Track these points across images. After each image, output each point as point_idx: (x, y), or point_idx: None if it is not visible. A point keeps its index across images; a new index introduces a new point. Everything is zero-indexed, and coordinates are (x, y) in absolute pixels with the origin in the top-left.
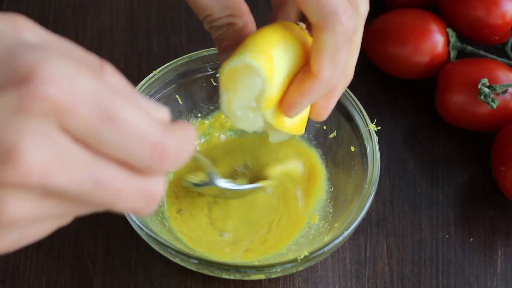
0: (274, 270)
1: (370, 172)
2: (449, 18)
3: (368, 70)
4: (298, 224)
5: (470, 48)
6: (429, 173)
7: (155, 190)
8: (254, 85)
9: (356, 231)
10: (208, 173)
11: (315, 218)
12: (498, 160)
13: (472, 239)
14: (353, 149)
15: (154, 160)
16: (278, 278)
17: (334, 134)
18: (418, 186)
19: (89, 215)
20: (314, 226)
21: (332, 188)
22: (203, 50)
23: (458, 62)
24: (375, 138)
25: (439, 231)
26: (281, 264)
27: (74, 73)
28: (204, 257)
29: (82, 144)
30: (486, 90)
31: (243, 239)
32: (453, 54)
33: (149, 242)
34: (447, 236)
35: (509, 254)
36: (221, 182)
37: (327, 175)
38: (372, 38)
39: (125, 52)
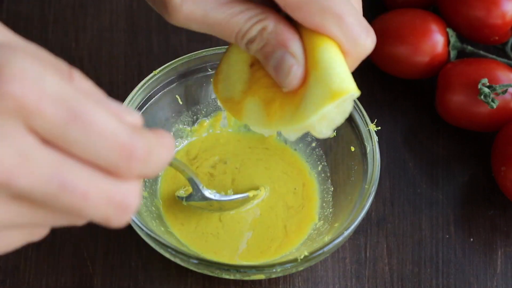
0: (274, 270)
1: (370, 172)
2: (449, 18)
3: (368, 70)
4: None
5: (470, 48)
6: (429, 173)
7: (127, 199)
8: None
9: (356, 231)
10: (192, 184)
11: (315, 218)
12: (498, 160)
13: (472, 239)
14: (353, 149)
15: (121, 160)
16: (278, 278)
17: (334, 134)
18: (418, 186)
19: None
20: (314, 226)
21: (332, 188)
22: (203, 50)
23: (458, 62)
24: (375, 138)
25: (439, 231)
26: (281, 264)
27: (40, 72)
28: (204, 257)
29: (50, 145)
30: (486, 90)
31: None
32: (453, 54)
33: (149, 242)
34: (447, 236)
35: (509, 254)
36: (206, 192)
37: (322, 186)
38: None
39: (125, 52)
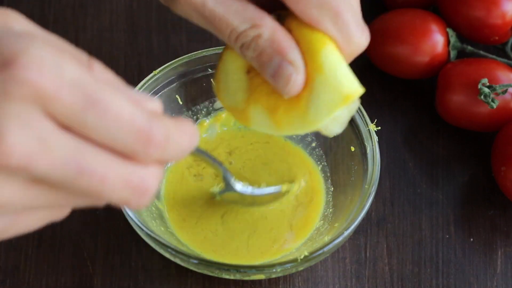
0: (274, 270)
1: (370, 172)
2: (449, 18)
3: (368, 70)
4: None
5: (470, 48)
6: (429, 173)
7: (145, 182)
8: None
9: (356, 231)
10: (222, 176)
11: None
12: (498, 160)
13: (472, 239)
14: (353, 149)
15: (139, 144)
16: (278, 278)
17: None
18: (418, 186)
19: (89, 215)
20: (315, 226)
21: (332, 188)
22: (203, 50)
23: (458, 62)
24: (375, 138)
25: (439, 231)
26: (281, 264)
27: (59, 60)
28: (204, 257)
29: (68, 130)
30: (486, 90)
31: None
32: (453, 54)
33: (149, 242)
34: (447, 236)
35: (509, 254)
36: (238, 186)
37: (328, 188)
38: (372, 38)
39: (125, 52)
